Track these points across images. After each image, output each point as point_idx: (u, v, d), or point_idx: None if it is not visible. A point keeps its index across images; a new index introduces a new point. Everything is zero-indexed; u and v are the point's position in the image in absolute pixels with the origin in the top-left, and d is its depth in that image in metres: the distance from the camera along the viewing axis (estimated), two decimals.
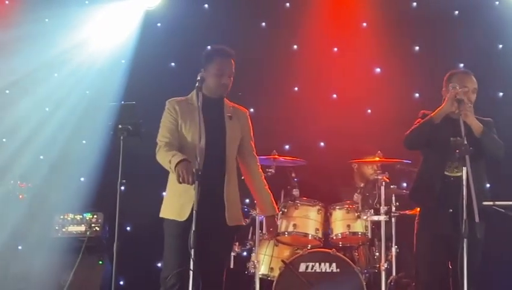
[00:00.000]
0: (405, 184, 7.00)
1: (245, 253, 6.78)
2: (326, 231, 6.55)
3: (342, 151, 7.36)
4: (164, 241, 4.73)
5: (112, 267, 5.38)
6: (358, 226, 6.45)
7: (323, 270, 6.27)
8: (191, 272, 4.33)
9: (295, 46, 8.14)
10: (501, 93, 7.78)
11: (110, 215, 6.69)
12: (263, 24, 8.20)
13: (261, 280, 6.44)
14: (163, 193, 4.91)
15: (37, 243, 6.84)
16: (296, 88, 8.11)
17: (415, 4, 8.05)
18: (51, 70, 7.77)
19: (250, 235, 6.62)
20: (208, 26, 7.82)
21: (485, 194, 4.98)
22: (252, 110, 6.45)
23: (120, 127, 5.42)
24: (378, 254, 6.40)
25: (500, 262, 6.80)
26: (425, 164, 5.16)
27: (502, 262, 6.87)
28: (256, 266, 6.39)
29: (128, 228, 7.71)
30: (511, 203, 4.84)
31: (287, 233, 6.45)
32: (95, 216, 6.92)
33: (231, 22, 7.93)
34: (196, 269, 4.34)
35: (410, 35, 7.95)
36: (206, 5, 8.21)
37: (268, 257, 6.57)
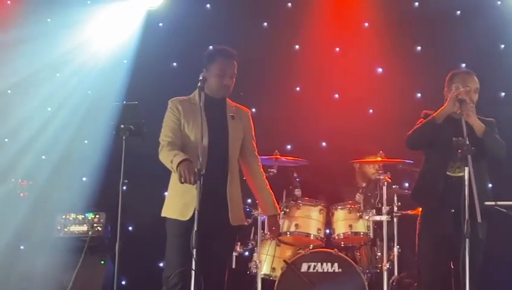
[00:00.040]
0: (407, 184, 6.99)
1: (247, 253, 6.78)
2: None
3: (343, 151, 7.37)
4: (166, 240, 4.72)
5: (114, 267, 5.36)
6: (360, 226, 6.46)
7: (325, 270, 6.27)
8: (193, 272, 4.34)
9: (297, 46, 8.15)
10: (503, 93, 7.78)
11: (112, 215, 6.70)
12: (265, 24, 8.20)
13: (263, 280, 6.45)
14: (165, 193, 4.91)
15: (39, 243, 6.84)
16: (298, 88, 8.11)
17: (417, 4, 8.06)
18: (53, 70, 7.76)
19: (252, 235, 6.62)
20: (210, 26, 7.82)
21: (487, 194, 4.98)
22: (254, 110, 6.46)
23: (122, 126, 5.40)
24: (380, 254, 6.42)
25: (501, 262, 6.79)
26: (427, 164, 5.16)
27: (504, 262, 6.87)
28: (258, 266, 6.40)
29: (131, 228, 7.70)
30: None
31: (289, 233, 6.45)
32: (97, 216, 6.91)
33: (233, 22, 7.93)
34: (198, 269, 4.34)
35: (412, 35, 7.95)
36: (208, 5, 8.20)
37: (270, 257, 6.57)
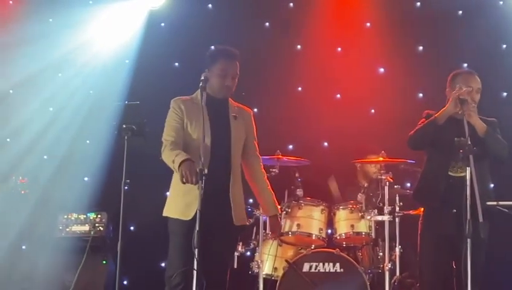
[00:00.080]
0: (409, 184, 6.99)
1: (248, 253, 6.77)
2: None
3: (345, 151, 7.37)
4: (169, 240, 4.72)
5: (116, 267, 5.37)
6: (362, 226, 6.46)
7: (326, 270, 6.27)
8: (195, 272, 4.34)
9: (299, 46, 8.14)
10: (505, 93, 7.77)
11: (114, 215, 6.70)
12: (267, 24, 8.20)
13: (264, 279, 6.44)
14: (167, 193, 4.91)
15: (41, 243, 6.84)
16: (299, 88, 8.11)
17: (419, 4, 8.05)
18: (55, 70, 7.75)
19: (253, 235, 6.62)
20: (212, 26, 7.82)
21: (488, 194, 4.97)
22: (256, 110, 6.46)
23: (124, 126, 5.42)
24: (382, 254, 6.41)
25: (503, 262, 6.79)
26: (429, 164, 5.16)
27: (506, 262, 6.86)
28: (259, 265, 6.40)
29: (132, 228, 7.70)
30: None
31: (290, 233, 6.45)
32: (99, 216, 6.90)
33: (235, 22, 7.93)
34: (200, 269, 4.34)
35: (414, 35, 7.94)
36: (210, 5, 8.19)
37: (272, 257, 6.57)
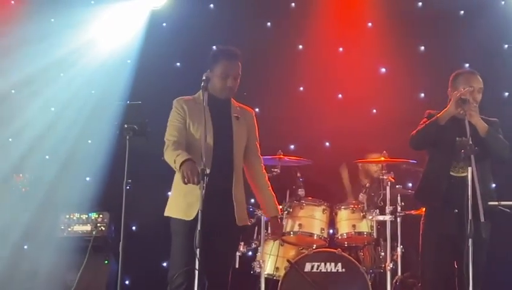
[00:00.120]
0: (410, 184, 7.00)
1: (250, 253, 6.78)
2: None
3: (347, 151, 7.37)
4: (171, 240, 4.71)
5: (118, 266, 5.38)
6: (364, 226, 6.46)
7: (328, 270, 6.26)
8: (197, 272, 4.33)
9: (300, 46, 8.15)
10: (506, 93, 7.77)
11: (115, 214, 6.69)
12: (268, 24, 8.20)
13: (266, 279, 6.44)
14: (169, 193, 4.90)
15: (43, 243, 6.85)
16: (301, 88, 8.11)
17: (420, 4, 8.05)
18: (56, 70, 7.76)
19: (255, 235, 6.63)
20: (213, 26, 7.83)
21: (490, 194, 4.97)
22: (257, 110, 6.46)
23: (126, 126, 5.43)
24: (383, 253, 6.42)
25: (505, 262, 6.79)
26: (431, 164, 5.16)
27: (507, 262, 6.86)
28: (261, 265, 6.39)
29: (134, 228, 7.71)
30: None
31: (292, 233, 6.45)
32: (101, 216, 6.91)
33: (236, 22, 7.93)
34: (202, 269, 4.34)
35: (416, 35, 7.95)
36: (212, 5, 8.21)
37: (274, 257, 6.57)
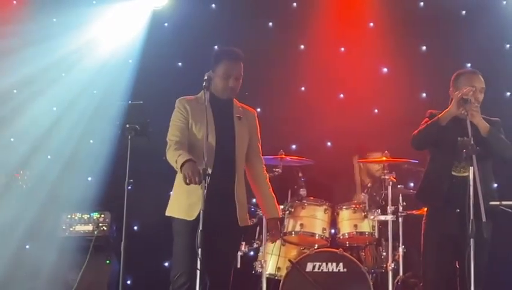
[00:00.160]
0: (412, 184, 6.99)
1: (252, 253, 6.78)
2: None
3: (348, 151, 7.37)
4: (173, 240, 4.70)
5: (120, 266, 5.38)
6: (365, 226, 6.45)
7: (330, 270, 6.26)
8: (198, 272, 4.34)
9: (302, 46, 8.14)
10: (508, 93, 7.77)
11: (117, 214, 6.68)
12: (270, 24, 8.19)
13: (268, 279, 6.44)
14: (170, 192, 4.90)
15: (45, 242, 6.85)
16: (303, 88, 8.10)
17: (422, 4, 8.04)
18: (58, 70, 7.76)
19: (257, 235, 6.63)
20: (215, 26, 7.83)
21: (492, 194, 4.97)
22: (259, 110, 6.45)
23: (128, 126, 5.43)
24: (385, 253, 6.41)
25: (506, 262, 6.79)
26: (433, 164, 5.16)
27: (509, 262, 6.86)
28: (263, 265, 6.39)
29: (136, 227, 7.70)
30: None
31: (294, 233, 6.45)
32: (103, 215, 6.91)
33: (238, 22, 7.93)
34: (203, 269, 4.34)
35: (417, 35, 7.94)
36: (213, 5, 8.20)
37: (275, 257, 6.56)
